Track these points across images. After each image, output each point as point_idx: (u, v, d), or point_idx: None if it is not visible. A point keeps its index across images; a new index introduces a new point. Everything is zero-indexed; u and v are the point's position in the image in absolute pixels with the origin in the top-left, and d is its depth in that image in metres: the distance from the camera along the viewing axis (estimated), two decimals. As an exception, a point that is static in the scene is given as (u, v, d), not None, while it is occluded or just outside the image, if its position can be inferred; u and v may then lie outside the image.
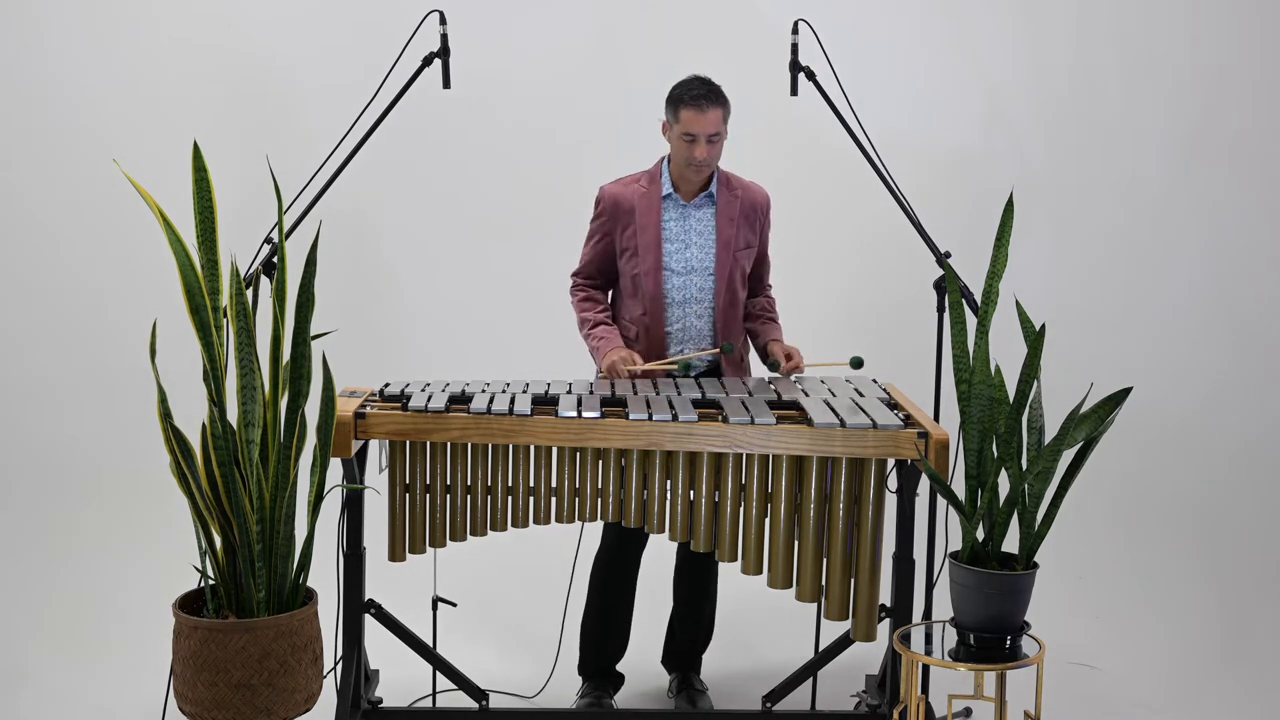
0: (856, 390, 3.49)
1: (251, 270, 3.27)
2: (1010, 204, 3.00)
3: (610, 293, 3.74)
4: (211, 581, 3.02)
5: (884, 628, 3.34)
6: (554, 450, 3.26)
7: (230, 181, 3.89)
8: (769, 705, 3.52)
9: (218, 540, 2.99)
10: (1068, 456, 2.92)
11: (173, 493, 3.18)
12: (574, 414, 3.17)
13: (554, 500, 3.28)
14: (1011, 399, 2.90)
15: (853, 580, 3.25)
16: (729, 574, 3.61)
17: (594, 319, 3.64)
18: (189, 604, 3.05)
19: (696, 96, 3.43)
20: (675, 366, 3.52)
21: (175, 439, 2.95)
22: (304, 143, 4.03)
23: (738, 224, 3.58)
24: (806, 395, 3.38)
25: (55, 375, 4.93)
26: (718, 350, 3.59)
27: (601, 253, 3.66)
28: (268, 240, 3.33)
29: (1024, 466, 2.90)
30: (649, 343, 3.60)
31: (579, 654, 3.76)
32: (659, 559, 3.88)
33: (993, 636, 2.90)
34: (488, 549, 3.77)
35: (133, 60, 4.92)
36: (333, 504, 3.40)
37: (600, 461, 3.26)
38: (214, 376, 2.95)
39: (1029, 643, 2.94)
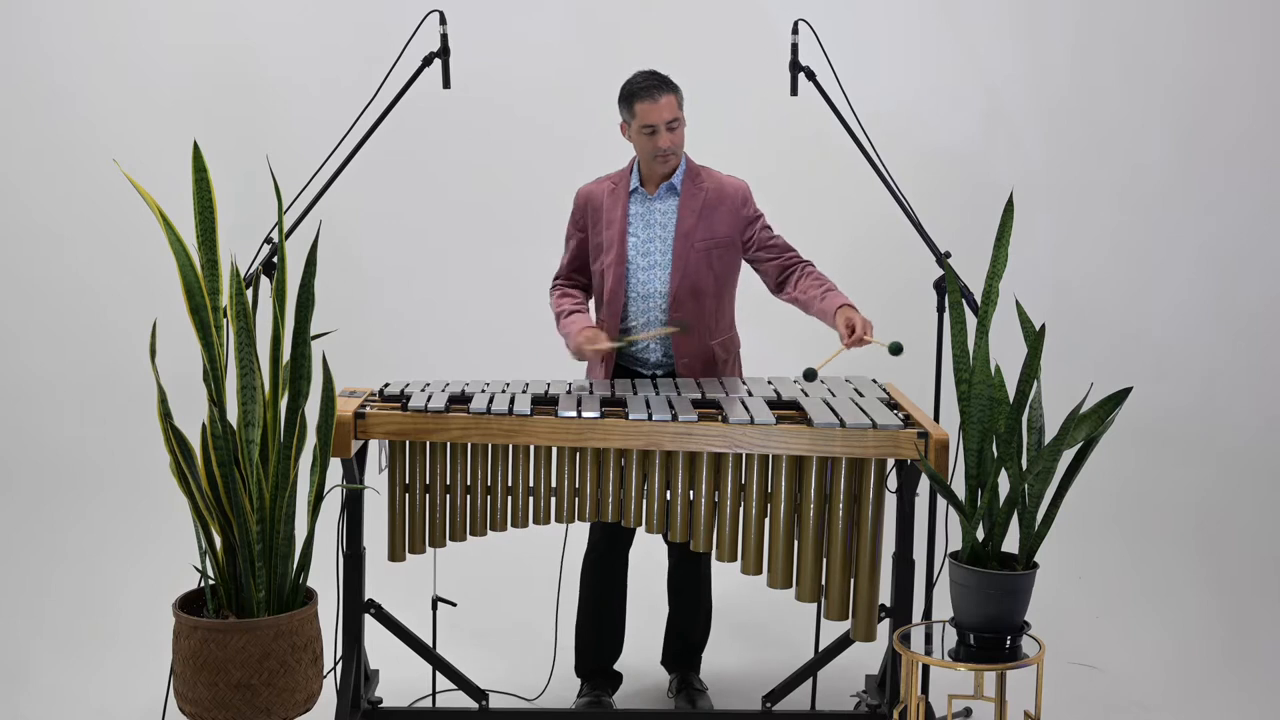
0: (856, 390, 3.49)
1: (251, 270, 3.27)
2: (1010, 204, 3.00)
3: (591, 296, 3.71)
4: (211, 581, 3.03)
5: (884, 628, 3.34)
6: (554, 450, 3.26)
7: (230, 181, 3.89)
8: (769, 705, 3.52)
9: (218, 540, 2.99)
10: (1068, 456, 2.92)
11: (173, 493, 3.18)
12: (574, 414, 3.17)
13: (554, 500, 3.28)
14: (1011, 399, 2.90)
15: (853, 580, 3.25)
16: (730, 574, 3.61)
17: (567, 309, 3.63)
18: (189, 604, 3.05)
19: (647, 88, 3.45)
20: (623, 344, 3.52)
21: (175, 439, 2.95)
22: (304, 143, 4.03)
23: (701, 216, 3.55)
24: (806, 395, 3.38)
25: (55, 375, 4.93)
26: (670, 329, 3.52)
27: (576, 253, 3.68)
28: (268, 240, 3.33)
29: (1024, 466, 2.90)
30: (608, 336, 3.58)
31: (575, 655, 3.76)
32: (655, 559, 3.87)
33: (993, 636, 2.90)
34: (488, 549, 3.77)
35: (133, 60, 4.93)
36: (333, 504, 3.40)
37: (600, 461, 3.26)
38: (214, 376, 2.95)
39: (1029, 643, 2.94)
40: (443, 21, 3.54)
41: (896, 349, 3.32)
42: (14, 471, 4.85)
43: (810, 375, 3.45)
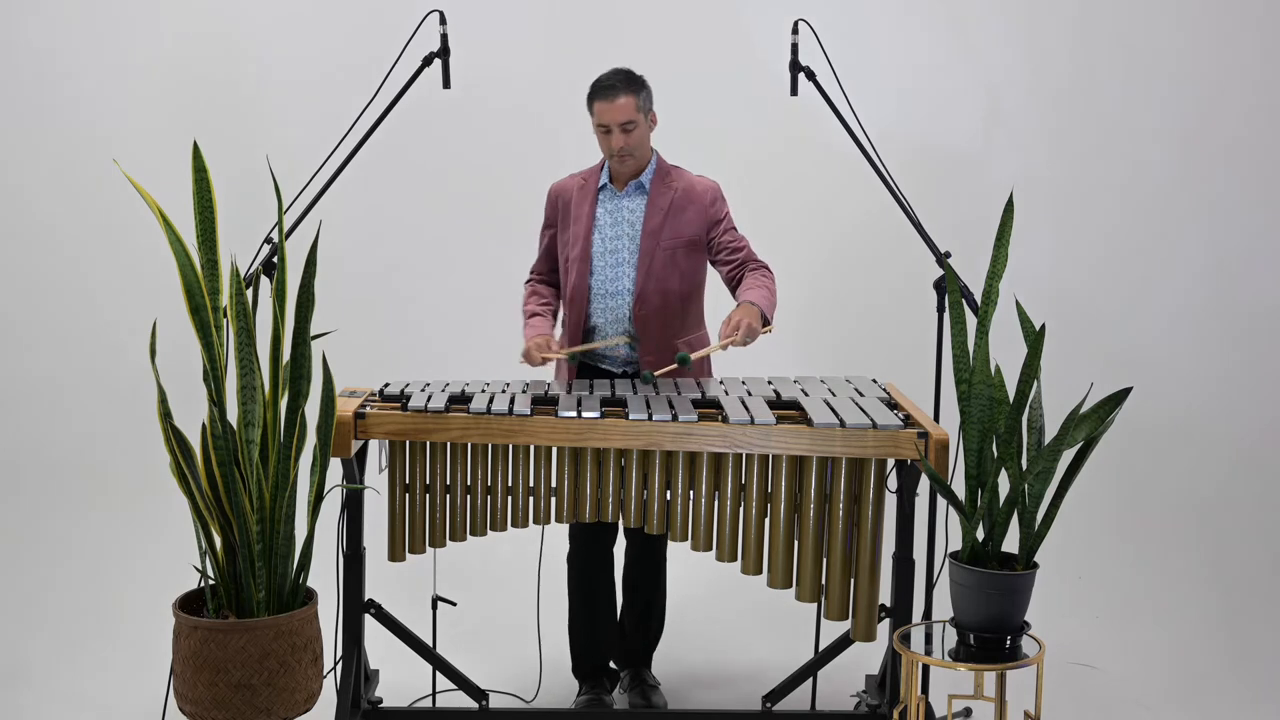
0: (856, 390, 3.49)
1: (251, 270, 3.27)
2: (1010, 204, 3.00)
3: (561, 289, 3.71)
4: (211, 581, 3.03)
5: (884, 628, 3.34)
6: (554, 450, 3.26)
7: (230, 181, 3.89)
8: (769, 705, 3.52)
9: (218, 540, 2.99)
10: (1068, 456, 2.92)
11: (173, 493, 3.19)
12: (574, 414, 3.17)
13: (554, 500, 3.28)
14: (1011, 399, 2.90)
15: (853, 580, 3.25)
16: (729, 574, 3.61)
17: (531, 310, 3.65)
18: (189, 604, 3.05)
19: (604, 87, 3.44)
20: (570, 355, 3.52)
21: (175, 439, 2.95)
22: (304, 143, 4.03)
23: (669, 215, 3.54)
24: (806, 395, 3.38)
25: (56, 375, 4.94)
26: (620, 339, 3.53)
27: (549, 248, 3.71)
28: (268, 240, 3.34)
29: (1024, 466, 2.90)
30: (570, 333, 3.60)
31: (571, 658, 3.74)
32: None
33: (993, 636, 2.90)
34: (488, 549, 3.77)
35: (133, 60, 4.93)
36: (333, 504, 3.40)
37: (600, 461, 3.26)
38: (214, 376, 2.95)
39: (1029, 643, 2.94)
40: (443, 21, 3.54)
41: (684, 360, 3.37)
42: (14, 471, 4.85)
43: (647, 379, 3.41)
